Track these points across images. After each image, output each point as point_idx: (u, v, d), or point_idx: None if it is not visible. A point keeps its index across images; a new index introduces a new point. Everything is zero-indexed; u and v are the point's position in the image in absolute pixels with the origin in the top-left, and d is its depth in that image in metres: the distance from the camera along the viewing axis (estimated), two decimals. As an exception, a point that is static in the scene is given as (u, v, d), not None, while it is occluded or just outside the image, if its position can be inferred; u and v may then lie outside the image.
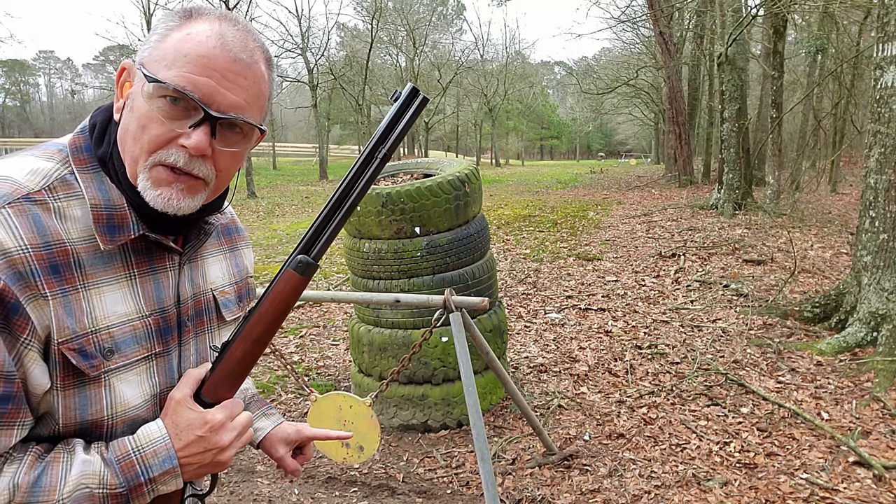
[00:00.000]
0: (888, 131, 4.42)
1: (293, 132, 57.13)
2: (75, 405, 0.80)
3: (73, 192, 0.81)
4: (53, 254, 0.77)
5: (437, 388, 3.55)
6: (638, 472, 3.06)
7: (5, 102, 61.27)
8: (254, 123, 0.84)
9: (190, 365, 0.94)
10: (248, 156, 17.63)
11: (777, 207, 10.79)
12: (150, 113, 0.79)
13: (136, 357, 0.85)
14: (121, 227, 0.82)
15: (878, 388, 3.78)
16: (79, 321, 0.78)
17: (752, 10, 11.61)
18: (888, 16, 4.45)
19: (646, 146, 50.45)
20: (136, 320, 0.85)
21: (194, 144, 0.79)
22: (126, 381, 0.84)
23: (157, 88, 0.78)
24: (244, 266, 1.09)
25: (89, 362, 0.79)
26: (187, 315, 0.93)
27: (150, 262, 0.87)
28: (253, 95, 0.83)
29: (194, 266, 0.96)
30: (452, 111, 45.71)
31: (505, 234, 10.27)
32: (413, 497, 2.97)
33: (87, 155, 0.84)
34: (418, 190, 3.41)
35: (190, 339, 0.94)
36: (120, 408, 0.83)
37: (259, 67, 0.84)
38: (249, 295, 1.10)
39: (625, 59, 30.10)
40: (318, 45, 31.18)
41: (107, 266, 0.82)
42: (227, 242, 1.06)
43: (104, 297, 0.81)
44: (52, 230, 0.77)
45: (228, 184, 0.93)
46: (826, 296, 5.16)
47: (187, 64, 0.78)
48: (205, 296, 0.97)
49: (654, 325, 5.28)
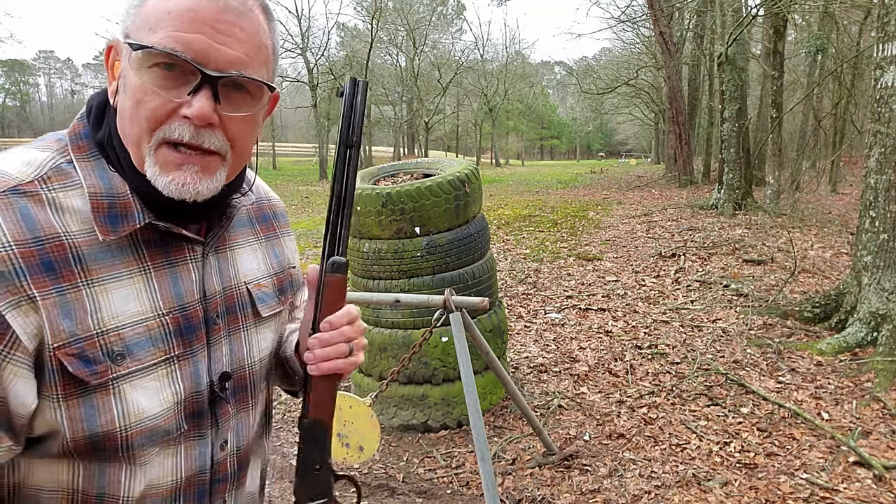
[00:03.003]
0: (888, 131, 4.42)
1: (293, 132, 57.14)
2: (81, 416, 0.71)
3: (70, 182, 0.73)
4: (46, 249, 0.68)
5: (437, 388, 3.55)
6: (638, 472, 3.06)
7: (5, 102, 61.27)
8: (261, 80, 0.75)
9: (223, 367, 0.83)
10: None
11: (777, 207, 10.79)
12: (142, 86, 0.70)
13: (152, 360, 0.75)
14: (124, 215, 0.73)
15: (879, 388, 3.78)
16: (80, 322, 0.70)
17: (753, 10, 11.60)
18: (888, 16, 4.45)
19: (646, 146, 50.47)
20: (151, 319, 0.75)
21: (197, 112, 0.70)
22: (141, 388, 0.74)
23: (145, 56, 0.70)
24: (285, 256, 0.98)
25: (91, 368, 0.70)
26: (216, 311, 0.83)
27: (167, 255, 0.78)
28: (253, 48, 0.74)
29: (223, 257, 0.86)
30: (452, 111, 45.71)
31: (505, 234, 10.27)
32: (413, 497, 2.96)
33: (85, 142, 0.77)
34: (418, 190, 3.41)
35: (221, 339, 0.84)
36: (133, 418, 0.73)
37: (255, 15, 0.75)
38: (293, 287, 0.99)
39: (625, 58, 30.11)
40: (318, 45, 31.21)
41: (115, 260, 0.73)
42: (262, 230, 0.95)
43: (112, 295, 0.72)
44: (43, 223, 0.69)
45: (248, 156, 0.83)
46: (826, 296, 5.16)
47: (173, 22, 0.69)
48: (237, 290, 0.87)
49: (654, 325, 5.28)
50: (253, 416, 0.91)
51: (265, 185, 1.02)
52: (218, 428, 0.84)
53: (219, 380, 0.83)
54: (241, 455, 0.88)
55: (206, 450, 0.83)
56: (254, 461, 0.94)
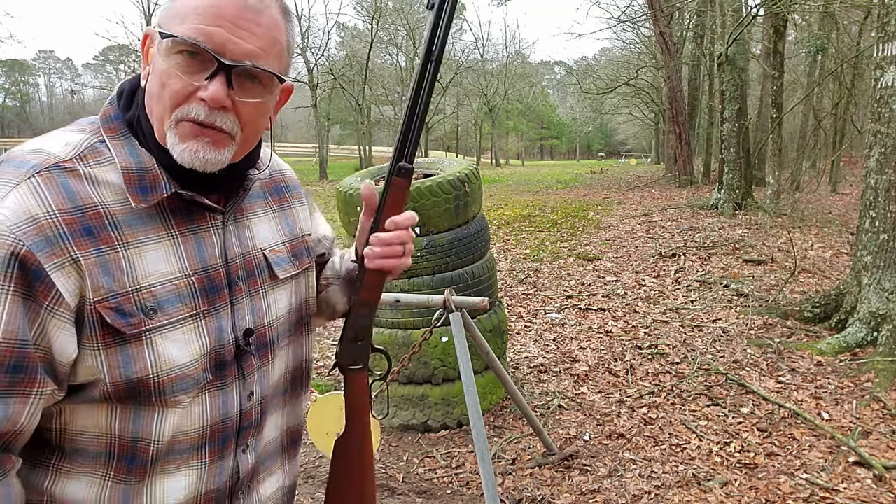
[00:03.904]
0: (888, 131, 4.42)
1: (293, 132, 57.09)
2: (118, 363, 0.80)
3: (104, 158, 0.83)
4: (86, 217, 0.78)
5: (437, 388, 3.55)
6: (638, 473, 3.06)
7: (5, 102, 61.22)
8: (272, 71, 0.84)
9: (246, 324, 0.93)
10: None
11: (777, 207, 10.79)
12: (168, 70, 0.81)
13: (181, 315, 0.84)
14: (153, 186, 0.83)
15: (879, 388, 3.78)
16: (118, 280, 0.79)
17: (753, 9, 11.61)
18: (888, 16, 4.45)
19: (646, 146, 50.42)
20: (179, 279, 0.85)
21: (211, 95, 0.80)
22: (172, 340, 0.83)
23: (172, 44, 0.80)
24: (298, 224, 1.08)
25: (127, 320, 0.79)
26: (237, 274, 0.93)
27: (191, 222, 0.88)
28: (268, 42, 0.83)
29: (241, 226, 0.96)
30: (452, 111, 45.68)
31: (505, 234, 10.27)
32: (413, 497, 2.96)
33: (116, 123, 0.86)
34: (418, 190, 3.41)
35: (243, 298, 0.93)
36: (165, 366, 0.83)
37: (272, 13, 0.84)
38: (309, 253, 1.09)
39: (625, 58, 30.12)
40: (318, 44, 31.18)
41: (146, 226, 0.83)
42: (275, 202, 1.05)
43: (145, 257, 0.82)
44: (82, 195, 0.79)
45: (258, 138, 0.93)
46: (826, 296, 5.16)
47: (198, 16, 0.79)
48: (255, 255, 0.97)
49: (654, 325, 5.28)
50: (274, 370, 1.00)
51: (279, 160, 1.12)
52: (245, 380, 0.93)
53: (243, 335, 0.92)
54: (263, 405, 0.98)
55: (231, 398, 0.91)
56: (274, 411, 1.02)
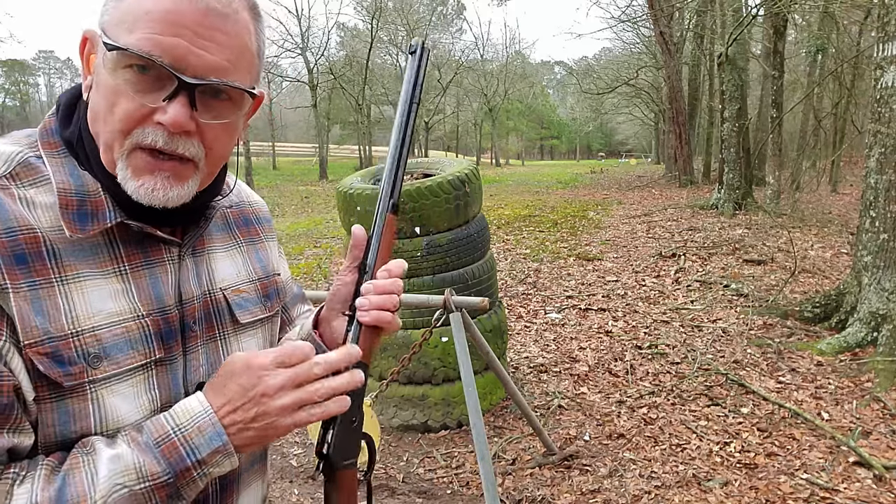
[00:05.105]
0: (888, 131, 4.42)
1: (293, 132, 57.10)
2: (54, 421, 0.67)
3: (39, 177, 0.70)
4: (18, 240, 0.65)
5: (437, 388, 3.55)
6: (638, 473, 3.06)
7: (5, 102, 61.23)
8: (241, 87, 0.71)
9: (199, 377, 0.78)
10: (248, 154, 17.57)
11: (777, 207, 10.79)
12: (116, 87, 0.67)
13: (132, 364, 0.71)
14: (94, 214, 0.70)
15: (879, 388, 3.78)
16: (54, 321, 0.65)
17: (753, 9, 11.60)
18: (888, 16, 4.44)
19: (646, 146, 50.47)
20: (131, 320, 0.71)
21: (171, 120, 0.66)
22: (120, 394, 0.69)
23: (120, 57, 0.66)
24: (269, 262, 0.94)
25: (65, 369, 0.66)
26: (193, 318, 0.78)
27: (145, 254, 0.74)
28: (236, 53, 0.70)
29: (200, 261, 0.82)
30: (452, 111, 45.67)
31: (505, 234, 10.27)
32: (413, 497, 2.96)
33: (56, 139, 0.73)
34: (418, 190, 3.41)
35: (198, 347, 0.79)
36: (112, 425, 0.69)
37: (240, 17, 0.71)
38: (280, 295, 0.94)
39: (625, 58, 30.11)
40: (318, 44, 31.18)
41: (90, 258, 0.70)
42: (243, 234, 0.91)
43: (88, 294, 0.68)
44: (16, 215, 0.66)
45: (225, 161, 0.79)
46: (826, 296, 5.16)
47: (151, 23, 0.65)
48: (213, 296, 0.82)
49: (654, 325, 5.28)
50: None
51: (247, 189, 0.99)
52: None
53: (195, 391, 0.75)
54: (223, 476, 0.80)
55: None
56: (247, 485, 0.88)
